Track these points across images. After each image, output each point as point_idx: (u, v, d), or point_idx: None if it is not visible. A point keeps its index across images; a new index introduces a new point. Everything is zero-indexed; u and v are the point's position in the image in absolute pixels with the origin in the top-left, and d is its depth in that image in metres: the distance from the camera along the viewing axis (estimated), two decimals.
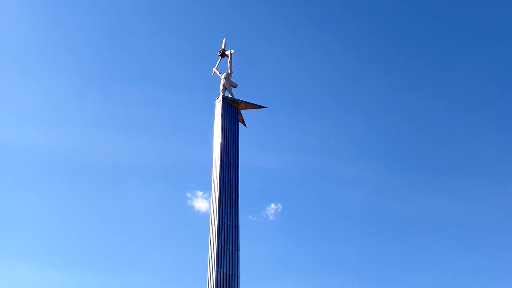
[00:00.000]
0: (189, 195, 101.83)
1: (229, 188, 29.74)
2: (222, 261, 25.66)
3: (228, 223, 27.73)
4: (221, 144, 31.68)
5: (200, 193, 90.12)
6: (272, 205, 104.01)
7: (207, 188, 41.29)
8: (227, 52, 34.64)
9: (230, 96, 33.60)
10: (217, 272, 25.05)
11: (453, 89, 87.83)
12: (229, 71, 34.45)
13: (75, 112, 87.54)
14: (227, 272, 25.36)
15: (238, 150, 32.17)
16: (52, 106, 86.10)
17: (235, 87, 34.60)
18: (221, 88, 33.87)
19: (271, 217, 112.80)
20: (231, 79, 34.42)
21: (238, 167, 31.25)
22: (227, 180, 30.03)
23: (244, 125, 34.36)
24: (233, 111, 33.40)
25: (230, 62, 34.54)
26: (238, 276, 25.45)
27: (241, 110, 33.98)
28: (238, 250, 26.64)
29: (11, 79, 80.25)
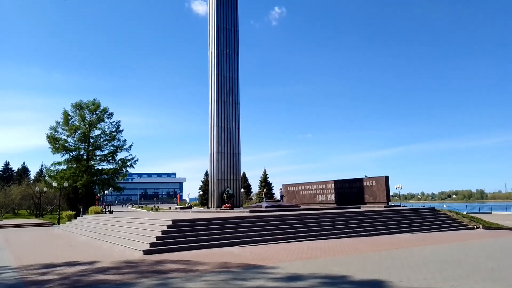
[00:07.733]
0: None
1: None
2: (222, 65, 26.20)
3: (227, 27, 26.86)
4: None
5: None
6: (276, 9, 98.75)
7: None
8: None
9: None
10: (217, 75, 25.92)
11: None
12: None
13: None
14: (227, 76, 26.25)
15: None
16: None
17: None
18: None
19: (274, 23, 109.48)
20: None
21: None
22: None
23: None
24: None
25: None
26: (238, 79, 26.45)
27: None
28: (237, 54, 26.74)
29: None
